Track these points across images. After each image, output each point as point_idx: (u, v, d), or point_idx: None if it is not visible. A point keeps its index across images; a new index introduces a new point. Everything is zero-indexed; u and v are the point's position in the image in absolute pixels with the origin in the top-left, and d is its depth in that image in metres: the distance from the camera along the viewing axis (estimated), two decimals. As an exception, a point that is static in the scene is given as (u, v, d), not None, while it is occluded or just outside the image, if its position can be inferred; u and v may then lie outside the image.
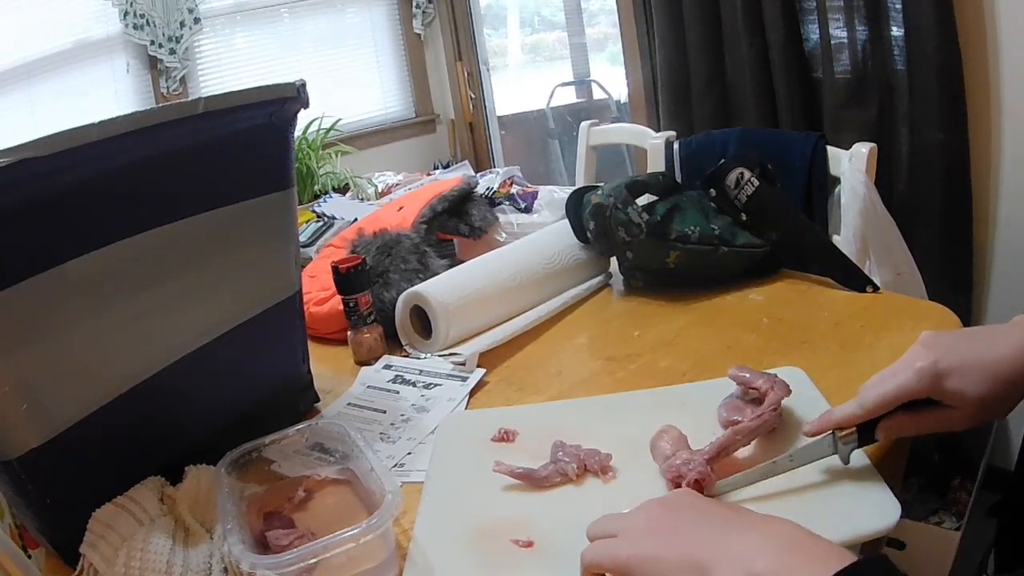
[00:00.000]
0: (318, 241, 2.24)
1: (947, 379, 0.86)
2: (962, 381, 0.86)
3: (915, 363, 0.87)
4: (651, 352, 1.39)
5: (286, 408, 1.31)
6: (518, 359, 1.45)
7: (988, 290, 2.54)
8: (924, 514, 2.42)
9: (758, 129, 2.76)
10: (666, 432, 1.03)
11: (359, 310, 1.48)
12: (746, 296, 1.55)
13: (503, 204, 2.16)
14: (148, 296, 1.01)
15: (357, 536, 0.85)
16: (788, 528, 0.72)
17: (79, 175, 0.88)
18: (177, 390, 1.08)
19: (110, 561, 0.92)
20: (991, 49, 2.31)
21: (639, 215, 1.52)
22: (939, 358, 0.86)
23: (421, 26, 4.59)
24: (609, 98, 4.74)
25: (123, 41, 3.70)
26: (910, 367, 0.87)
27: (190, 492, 1.04)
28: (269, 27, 4.23)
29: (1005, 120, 2.35)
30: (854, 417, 0.91)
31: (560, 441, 1.07)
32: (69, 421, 0.96)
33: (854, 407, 0.91)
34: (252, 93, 1.05)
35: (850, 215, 2.04)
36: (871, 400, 0.90)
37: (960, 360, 0.86)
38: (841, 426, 0.92)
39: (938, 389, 0.87)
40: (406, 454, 1.19)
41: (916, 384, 0.87)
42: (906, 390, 0.88)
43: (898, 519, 0.86)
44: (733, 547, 0.70)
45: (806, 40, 2.72)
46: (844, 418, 0.92)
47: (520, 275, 1.58)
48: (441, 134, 4.82)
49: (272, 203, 1.14)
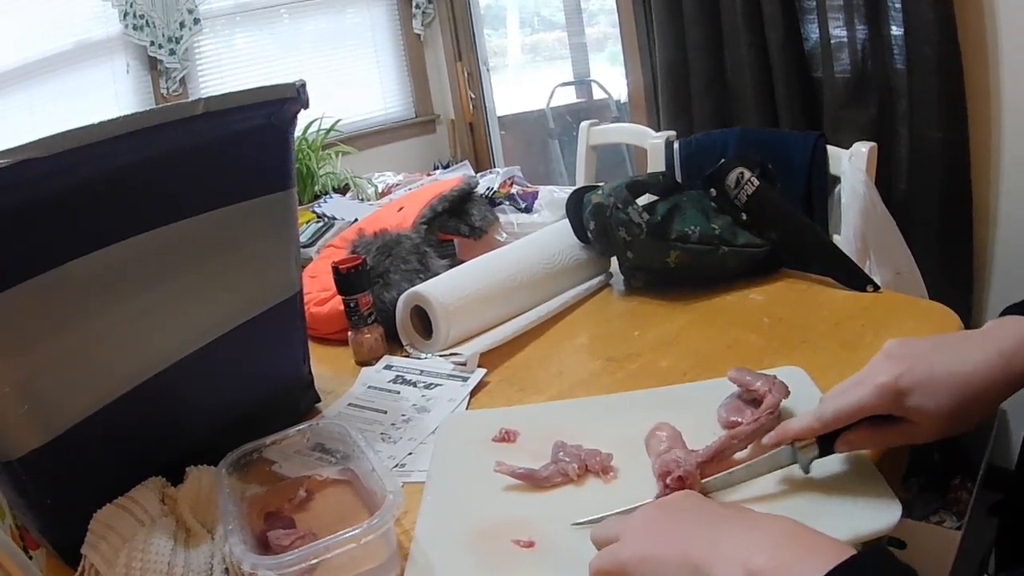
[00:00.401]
0: (318, 241, 2.24)
1: (909, 396, 0.84)
2: (925, 398, 0.83)
3: (876, 378, 0.85)
4: (651, 352, 1.39)
5: (287, 408, 1.31)
6: (519, 359, 1.45)
7: (988, 289, 2.54)
8: (925, 513, 2.42)
9: (758, 129, 2.76)
10: (660, 429, 1.04)
11: (360, 310, 1.48)
12: (746, 296, 1.55)
13: (503, 204, 2.16)
14: (149, 297, 1.01)
15: (358, 536, 0.85)
16: (786, 524, 0.71)
17: (80, 176, 0.88)
18: (178, 391, 1.08)
19: (111, 562, 0.92)
20: (991, 48, 2.31)
21: (639, 215, 1.52)
22: (902, 373, 0.84)
23: (421, 26, 4.59)
24: (609, 98, 4.74)
25: (123, 42, 3.70)
26: (871, 382, 0.85)
27: (191, 493, 1.04)
28: (269, 28, 4.24)
29: (1005, 119, 2.35)
30: (811, 430, 0.90)
31: (561, 441, 1.07)
32: (70, 422, 0.96)
33: (811, 420, 0.90)
34: (252, 94, 1.05)
35: (850, 214, 2.05)
36: (829, 413, 0.88)
37: (926, 374, 0.84)
38: (799, 438, 0.91)
39: (900, 406, 0.84)
40: (407, 454, 1.19)
41: (876, 400, 0.85)
42: (866, 406, 0.86)
43: (899, 519, 0.86)
44: (730, 545, 0.70)
45: (806, 39, 2.72)
46: (801, 430, 0.90)
47: (520, 275, 1.57)
48: (441, 134, 4.82)
49: (272, 203, 1.15)
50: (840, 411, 0.88)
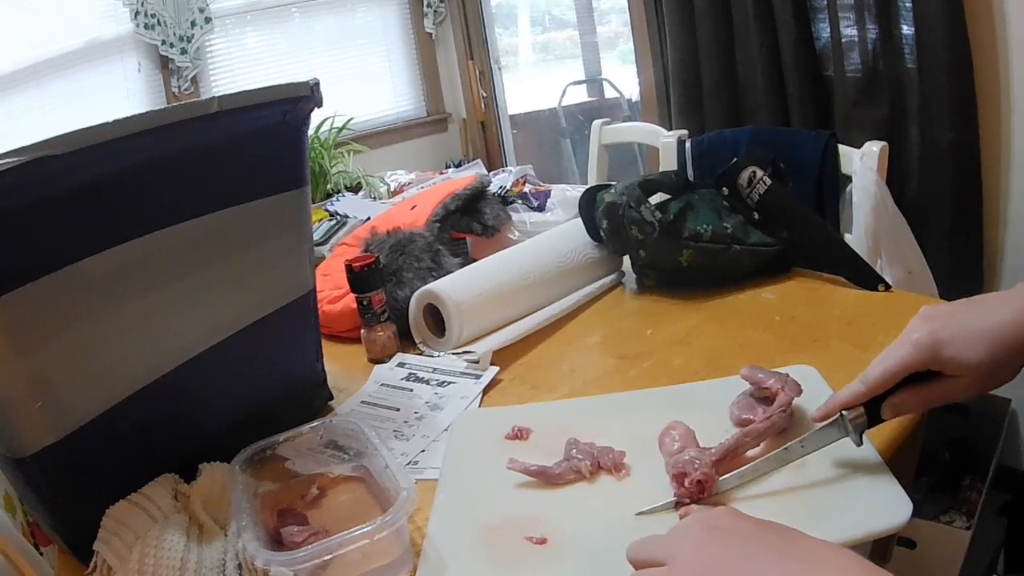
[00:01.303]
0: (331, 239, 2.25)
1: (945, 348, 0.86)
2: (961, 348, 0.86)
3: (912, 335, 0.88)
4: (664, 350, 1.39)
5: (300, 406, 1.32)
6: (531, 357, 1.46)
7: (999, 288, 2.52)
8: (935, 513, 2.42)
9: (770, 128, 2.76)
10: (673, 428, 1.04)
11: (372, 308, 1.49)
12: (758, 294, 1.55)
13: (516, 203, 2.16)
14: (162, 294, 1.02)
15: (371, 533, 0.86)
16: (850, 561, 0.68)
17: (94, 174, 0.89)
18: (191, 388, 1.09)
19: (124, 558, 0.92)
20: (1001, 47, 2.30)
21: (652, 214, 1.52)
22: (936, 328, 0.87)
23: (432, 25, 4.60)
24: (621, 97, 4.74)
25: (134, 41, 3.72)
26: (908, 340, 0.88)
27: (204, 489, 1.04)
28: (280, 26, 4.25)
29: (1016, 118, 2.34)
30: (859, 395, 0.92)
31: (574, 439, 1.08)
32: (83, 419, 0.96)
33: (857, 384, 0.92)
34: (266, 92, 1.05)
35: (861, 214, 2.04)
36: (873, 376, 0.90)
37: (959, 327, 0.86)
38: (847, 405, 0.92)
39: (937, 359, 0.87)
40: (420, 451, 1.19)
41: (915, 355, 0.87)
42: (906, 363, 0.88)
43: (910, 516, 0.86)
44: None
45: (817, 39, 2.72)
46: (849, 397, 0.92)
47: (533, 273, 1.58)
48: (453, 133, 4.83)
49: (286, 202, 1.15)
50: (884, 371, 0.90)
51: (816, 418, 0.96)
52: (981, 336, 0.85)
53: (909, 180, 2.51)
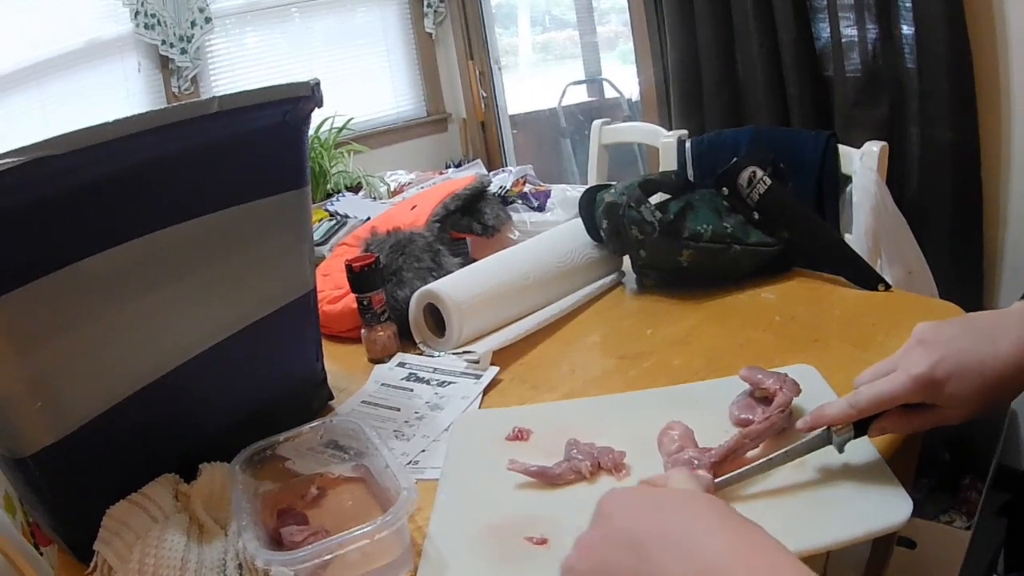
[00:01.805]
0: (331, 239, 2.25)
1: (945, 386, 0.85)
2: (959, 386, 0.84)
3: (911, 368, 0.86)
4: (664, 350, 1.39)
5: (300, 406, 1.32)
6: (531, 357, 1.46)
7: (999, 288, 2.53)
8: (934, 513, 2.42)
9: (770, 127, 2.76)
10: (672, 427, 1.04)
11: (372, 308, 1.49)
12: (758, 294, 1.55)
13: (516, 203, 2.16)
14: (162, 294, 1.02)
15: (372, 532, 0.86)
16: None
17: (95, 173, 0.89)
18: (191, 388, 1.09)
19: (124, 558, 0.92)
20: (1001, 47, 2.30)
21: (652, 214, 1.52)
22: (936, 363, 0.85)
23: (432, 25, 4.60)
24: (621, 97, 4.74)
25: (134, 41, 3.72)
26: (906, 372, 0.86)
27: (204, 489, 1.04)
28: (280, 26, 4.25)
29: (1016, 118, 2.34)
30: (846, 416, 0.91)
31: (574, 439, 1.08)
32: (83, 419, 0.96)
33: (846, 407, 0.90)
34: (267, 92, 1.05)
35: (861, 214, 2.04)
36: (864, 401, 0.89)
37: (956, 362, 0.85)
38: (833, 424, 0.92)
39: (934, 395, 0.86)
40: (420, 451, 1.19)
41: (912, 390, 0.86)
42: (900, 396, 0.87)
43: (910, 515, 0.86)
44: None
45: (817, 39, 2.72)
46: (836, 416, 0.91)
47: (533, 273, 1.58)
48: (453, 133, 4.83)
49: (286, 201, 1.15)
50: (875, 399, 0.89)
51: (801, 428, 0.95)
52: (980, 373, 0.84)
53: (909, 180, 2.51)
